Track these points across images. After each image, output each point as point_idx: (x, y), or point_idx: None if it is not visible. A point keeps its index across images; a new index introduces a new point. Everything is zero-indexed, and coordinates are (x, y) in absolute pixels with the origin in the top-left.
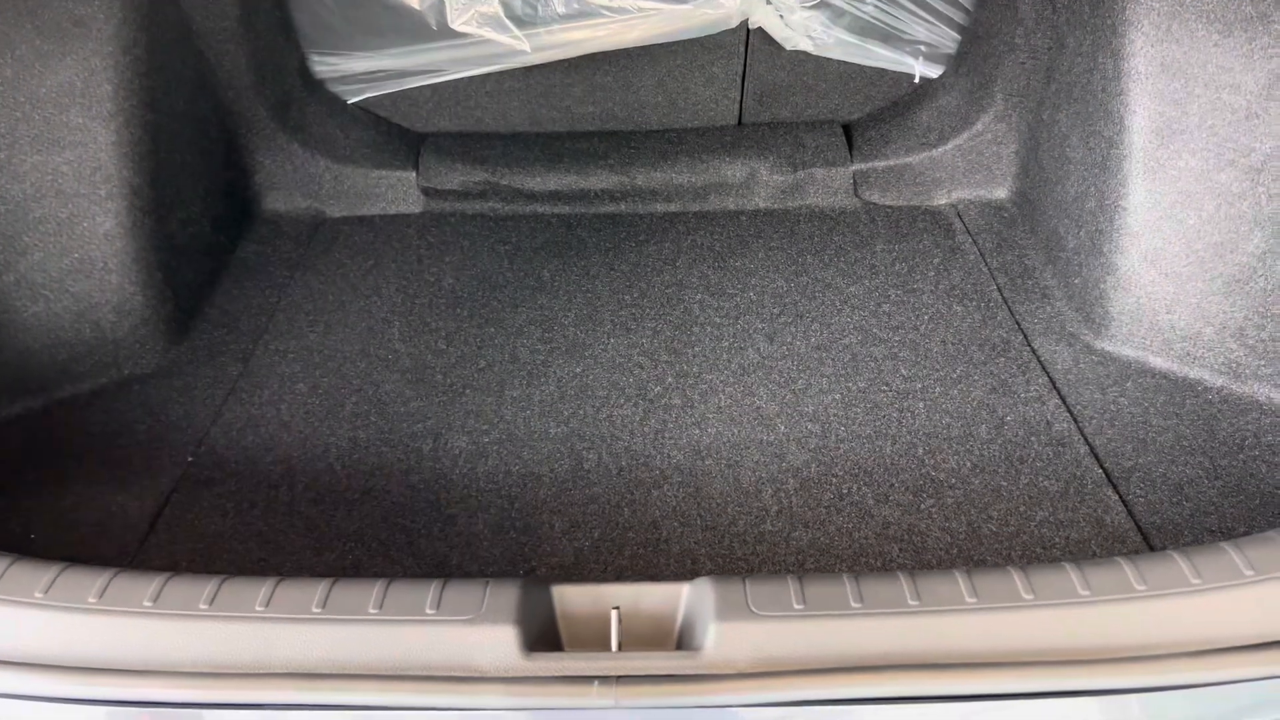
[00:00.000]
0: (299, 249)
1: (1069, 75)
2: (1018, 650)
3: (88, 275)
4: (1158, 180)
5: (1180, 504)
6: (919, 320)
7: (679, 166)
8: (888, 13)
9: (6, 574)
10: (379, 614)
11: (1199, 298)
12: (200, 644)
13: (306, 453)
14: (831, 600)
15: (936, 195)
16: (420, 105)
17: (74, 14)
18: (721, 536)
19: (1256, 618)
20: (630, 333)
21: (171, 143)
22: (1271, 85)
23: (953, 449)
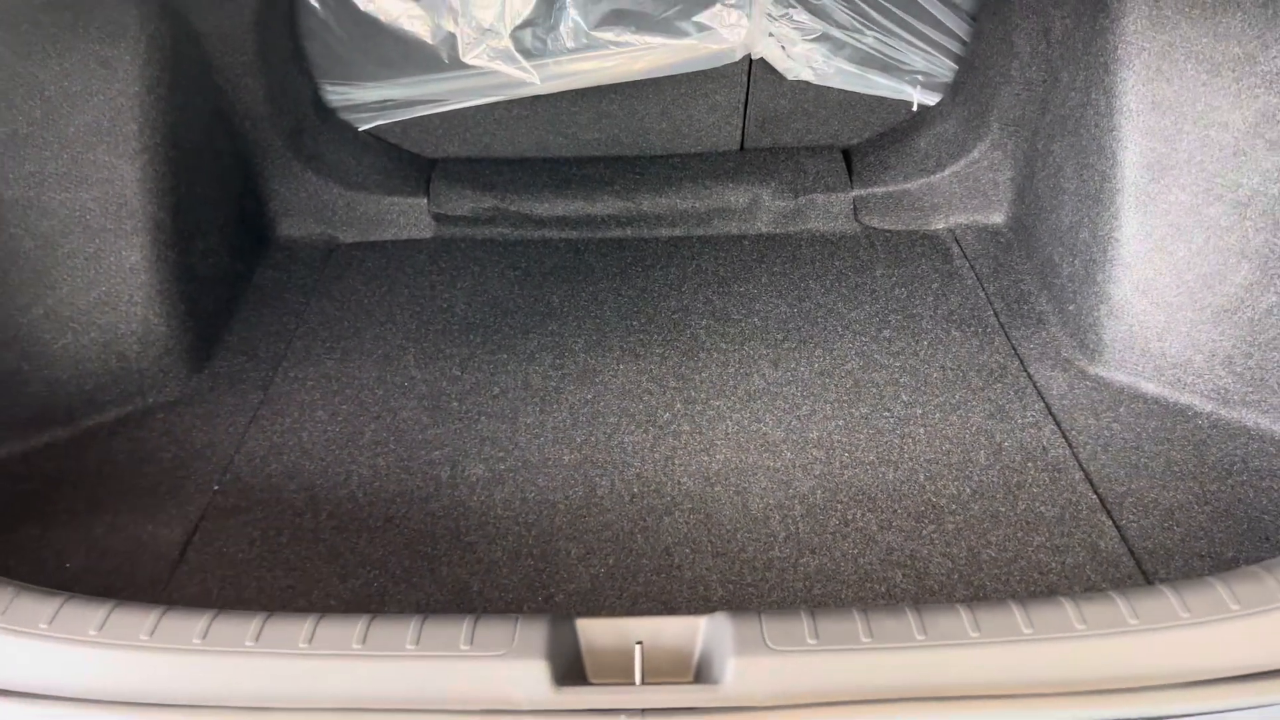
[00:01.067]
0: (313, 275)
1: (1063, 108)
2: (1018, 682)
3: (113, 307)
4: (1149, 214)
5: (1171, 529)
6: (918, 346)
7: (683, 192)
8: (887, 44)
9: (60, 613)
10: (416, 650)
11: (1189, 326)
12: (249, 680)
13: (328, 480)
14: (843, 635)
15: (935, 220)
16: (430, 132)
17: (100, 55)
18: (732, 563)
19: (1243, 650)
20: (639, 359)
21: (192, 175)
22: (1258, 124)
23: (952, 475)
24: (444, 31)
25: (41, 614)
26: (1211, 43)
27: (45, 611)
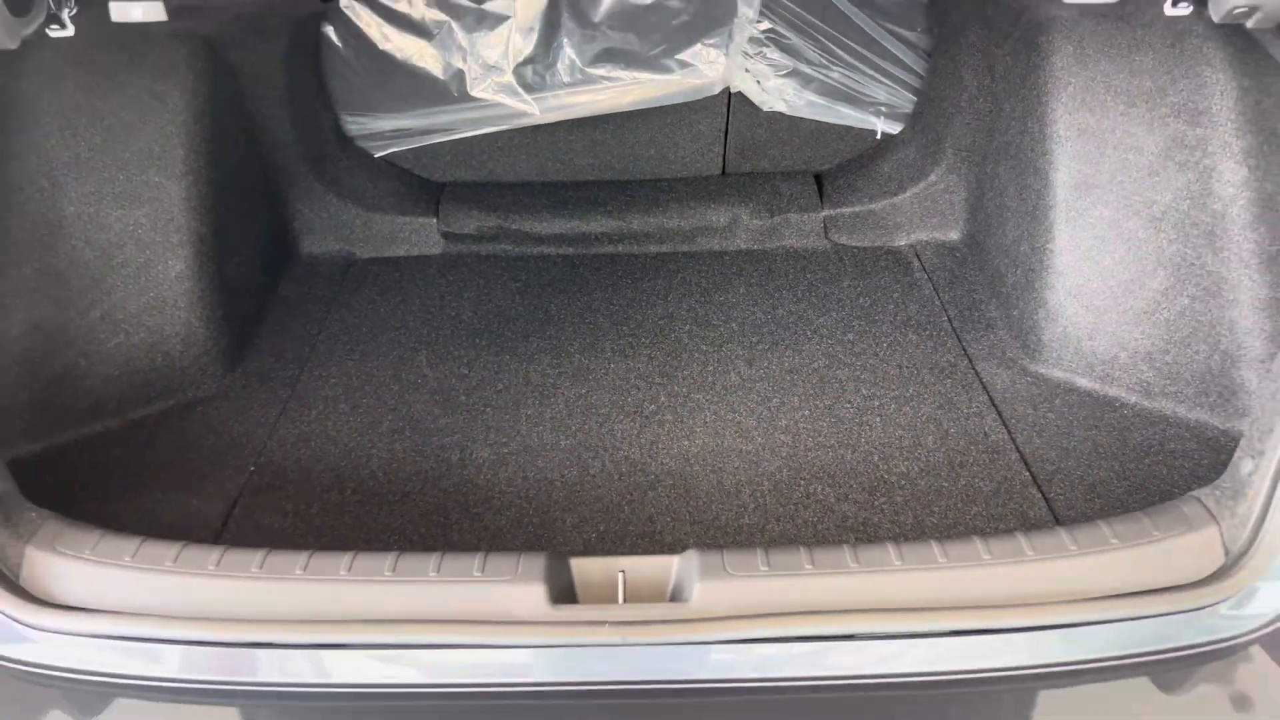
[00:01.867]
0: (333, 287)
1: (1006, 135)
2: (932, 599)
3: (160, 312)
4: (1077, 227)
5: (1093, 501)
6: (878, 347)
7: (669, 212)
8: (852, 78)
9: (140, 549)
10: (437, 576)
11: (1115, 327)
12: (299, 600)
13: (352, 462)
14: (790, 564)
15: (897, 237)
16: (439, 159)
17: (153, 89)
18: (707, 529)
19: (1117, 575)
20: (628, 359)
21: (229, 195)
22: (1169, 148)
23: (903, 456)
24: (454, 68)
25: (125, 550)
26: (1127, 78)
27: (128, 548)
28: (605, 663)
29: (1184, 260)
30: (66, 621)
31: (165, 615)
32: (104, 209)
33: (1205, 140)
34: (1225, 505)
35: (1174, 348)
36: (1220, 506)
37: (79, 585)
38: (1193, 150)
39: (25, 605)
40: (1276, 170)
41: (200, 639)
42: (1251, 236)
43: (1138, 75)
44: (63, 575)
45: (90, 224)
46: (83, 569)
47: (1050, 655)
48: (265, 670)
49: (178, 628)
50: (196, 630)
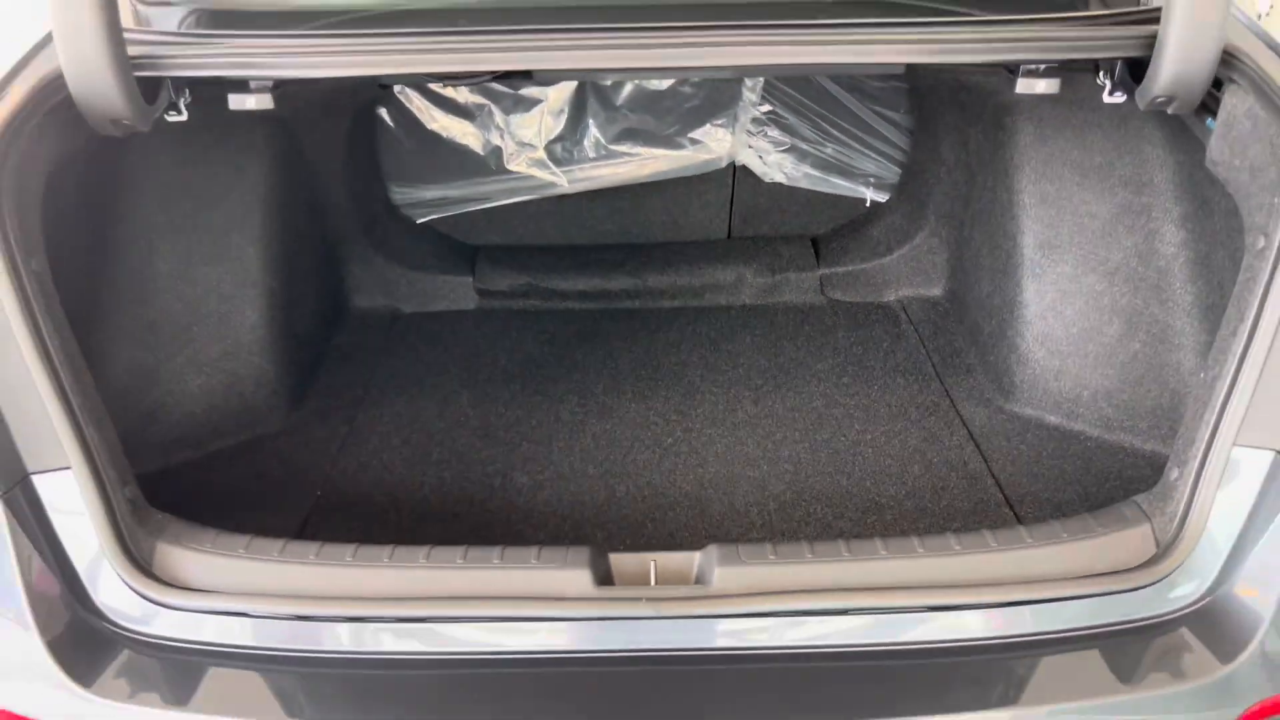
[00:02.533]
0: (382, 337)
1: (979, 203)
2: (911, 580)
3: (236, 356)
4: (1042, 282)
5: (1058, 519)
6: (870, 389)
7: (681, 271)
8: (844, 153)
9: (251, 544)
10: (500, 563)
11: (1077, 369)
12: (385, 582)
13: (406, 488)
14: (794, 553)
15: (886, 293)
16: (475, 225)
17: (236, 163)
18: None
19: (1066, 562)
20: (646, 399)
21: (296, 256)
22: (1118, 214)
23: (892, 482)
24: (492, 145)
25: (238, 544)
26: (1081, 153)
27: (241, 542)
28: (641, 633)
29: (1135, 310)
30: (192, 600)
31: (273, 594)
32: (192, 267)
33: (1149, 207)
34: (1156, 506)
35: (1129, 387)
36: (1152, 507)
37: (201, 572)
38: (1138, 215)
39: (159, 587)
40: (1209, 233)
41: (303, 614)
42: (1191, 289)
43: (1090, 151)
44: (188, 564)
45: (180, 280)
46: (204, 559)
47: (1011, 628)
48: (357, 641)
49: (284, 604)
50: (300, 606)
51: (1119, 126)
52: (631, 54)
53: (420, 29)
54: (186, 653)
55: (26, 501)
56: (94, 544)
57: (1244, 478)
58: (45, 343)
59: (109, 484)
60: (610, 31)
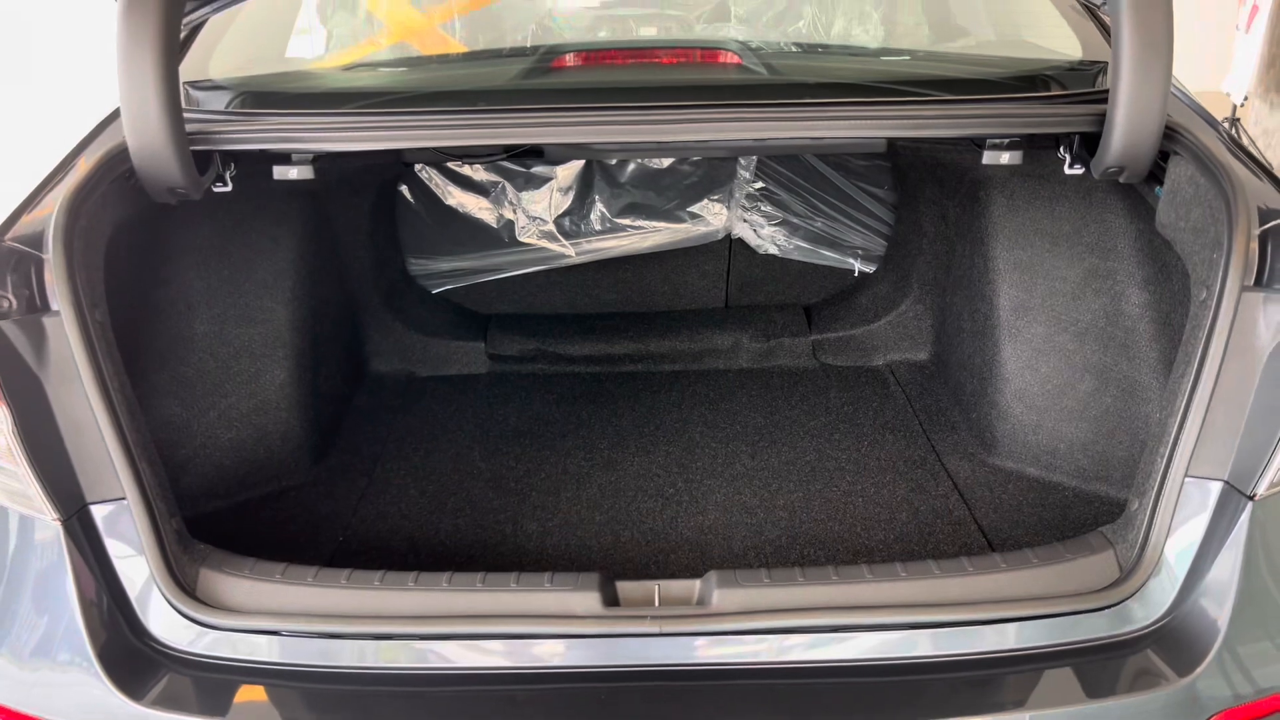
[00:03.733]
0: (398, 398)
1: (959, 270)
2: (894, 601)
3: (265, 412)
4: (1018, 342)
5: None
6: (860, 445)
7: (681, 337)
8: (832, 227)
9: (286, 570)
10: (517, 586)
11: (1054, 424)
12: (410, 603)
13: (422, 534)
14: (786, 577)
15: (875, 358)
16: (487, 294)
17: (270, 233)
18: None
19: (1037, 584)
20: (649, 454)
21: (321, 319)
22: (1086, 278)
23: (881, 528)
24: (505, 219)
25: (275, 570)
26: (1050, 222)
27: (277, 569)
28: (646, 648)
29: (1105, 368)
30: (233, 620)
31: (308, 614)
32: (227, 328)
33: (1114, 271)
34: (1119, 534)
35: (1102, 440)
36: (1116, 535)
37: (242, 595)
38: (1105, 279)
39: (203, 608)
40: (1169, 294)
41: (335, 632)
42: (1156, 347)
43: (1058, 220)
44: (229, 588)
45: (215, 340)
46: (243, 583)
47: (989, 645)
48: (383, 657)
49: (318, 623)
50: (332, 625)
51: (1084, 197)
52: (634, 129)
53: (443, 109)
54: (228, 670)
55: (83, 528)
56: (144, 569)
57: (1196, 506)
58: (106, 384)
59: (159, 514)
60: (614, 110)
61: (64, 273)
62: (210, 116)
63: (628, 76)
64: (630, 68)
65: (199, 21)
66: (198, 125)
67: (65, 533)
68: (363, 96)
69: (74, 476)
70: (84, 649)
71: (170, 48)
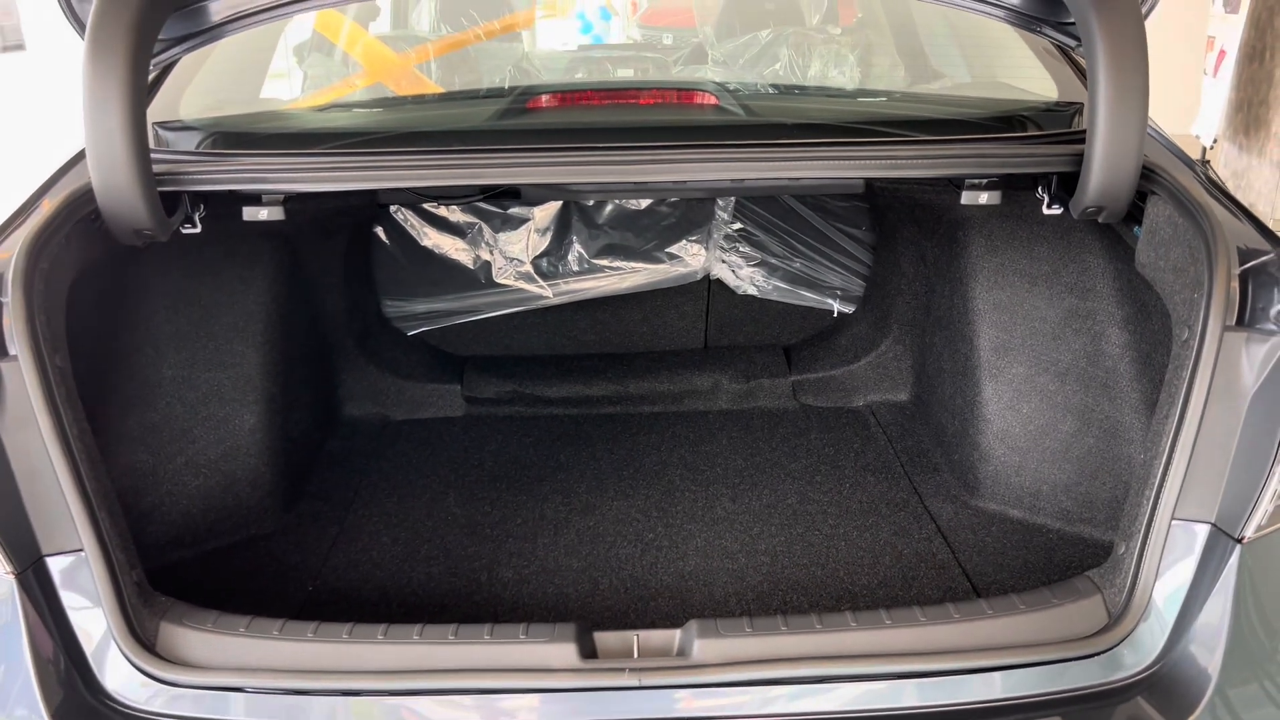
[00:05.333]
0: (372, 443)
1: (938, 310)
2: (879, 649)
3: (234, 458)
4: (999, 383)
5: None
6: (842, 487)
7: (660, 378)
8: (811, 267)
9: (251, 623)
10: (490, 639)
11: (1036, 465)
12: (380, 657)
13: (395, 583)
14: (769, 626)
15: (855, 399)
16: (463, 337)
17: (241, 275)
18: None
19: (1025, 631)
20: (628, 497)
21: (294, 363)
22: (1066, 318)
23: (865, 572)
24: (481, 260)
25: (239, 624)
26: (1029, 263)
27: (241, 622)
28: (625, 702)
29: (1087, 408)
30: (195, 677)
31: (273, 669)
32: (195, 372)
33: (1094, 311)
34: (1106, 579)
35: (1085, 481)
36: (1103, 580)
37: (204, 650)
38: (1085, 319)
39: (163, 665)
40: (1149, 334)
41: (302, 688)
42: (1137, 387)
43: (1037, 261)
44: (190, 643)
45: (183, 384)
46: (206, 638)
47: (974, 694)
48: (354, 713)
49: (283, 679)
50: (300, 681)
51: (1062, 238)
52: (611, 169)
53: (417, 149)
54: None
55: (38, 581)
56: (102, 623)
57: (1183, 549)
58: (65, 431)
59: (118, 566)
60: (591, 151)
61: (23, 316)
62: (178, 157)
63: (604, 117)
64: (607, 108)
65: (170, 61)
66: (165, 166)
67: (19, 586)
68: (335, 137)
69: (29, 527)
70: (37, 707)
71: (138, 87)
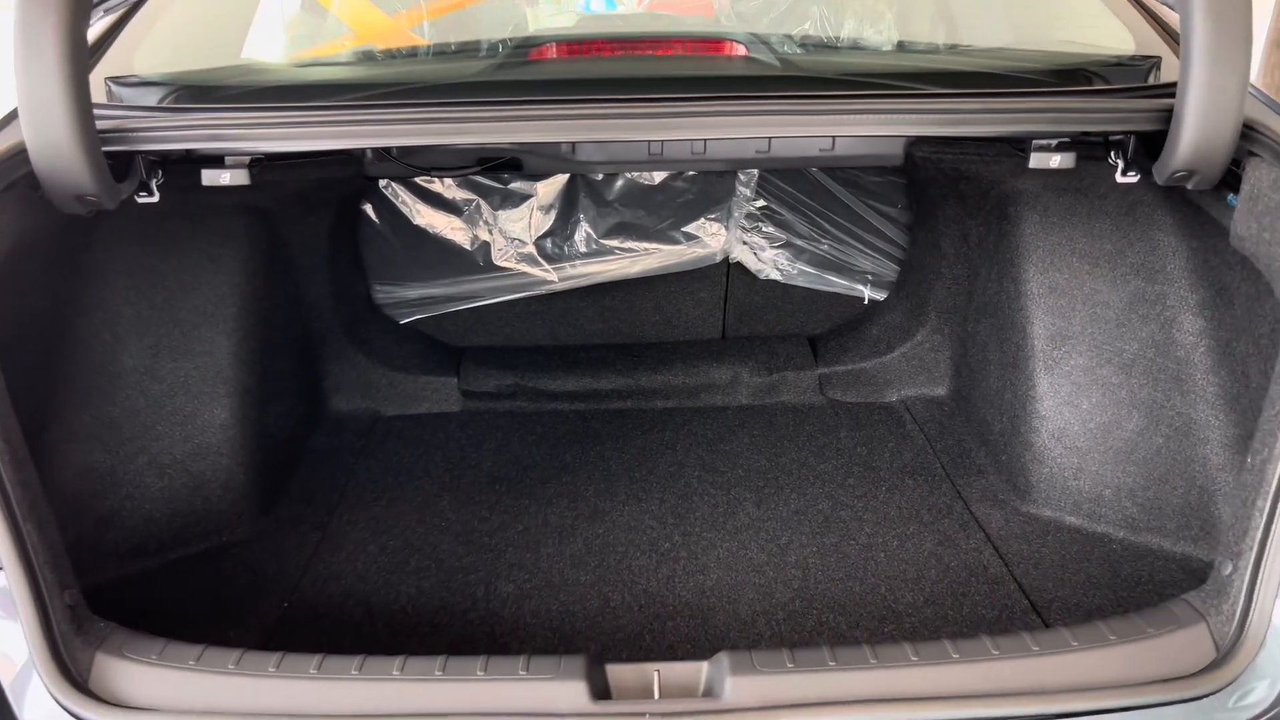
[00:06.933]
0: (360, 440)
1: (984, 296)
2: (945, 690)
3: (203, 457)
4: (1056, 375)
5: (1101, 619)
6: (878, 490)
7: (674, 370)
8: (840, 250)
9: (204, 655)
10: (484, 675)
11: (1098, 466)
12: (353, 698)
13: (381, 598)
14: (813, 660)
15: (888, 393)
16: (460, 325)
17: (211, 253)
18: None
19: (1116, 668)
20: (641, 502)
21: (272, 352)
22: (1132, 303)
23: (909, 587)
24: (480, 240)
25: (189, 655)
26: (1089, 241)
27: (192, 653)
28: None
29: (1155, 403)
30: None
31: (225, 713)
32: (159, 361)
33: (1163, 295)
34: (1211, 604)
35: (1153, 485)
36: (1206, 605)
37: (145, 688)
38: (1153, 304)
39: (94, 706)
40: (1230, 320)
41: None
42: (1214, 380)
43: (1098, 239)
44: (130, 678)
45: (146, 375)
46: (148, 672)
47: None
48: None
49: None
50: None
51: (1127, 214)
52: (624, 125)
53: (401, 102)
54: None
55: None
56: (23, 654)
57: None
58: None
59: (46, 587)
60: (602, 104)
61: None
62: (128, 113)
63: (617, 69)
64: (620, 60)
65: (127, 8)
66: (113, 122)
67: None
68: (312, 93)
69: None
70: None
71: (77, 28)
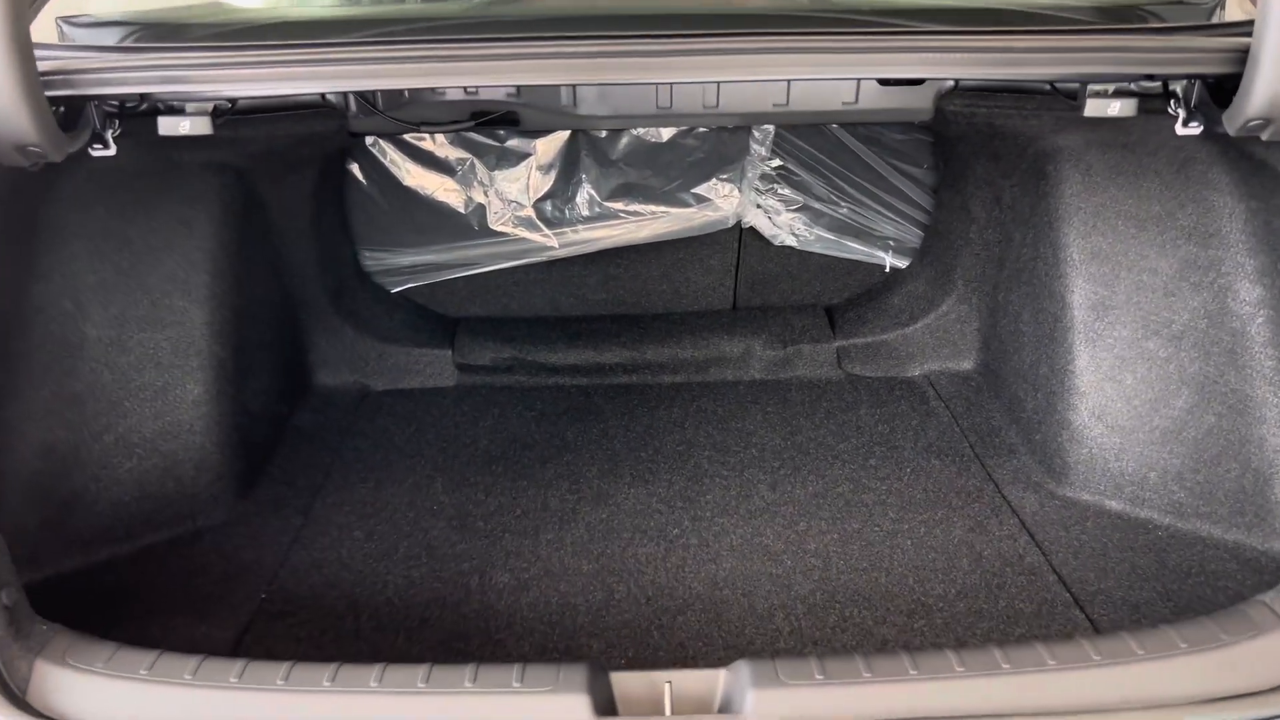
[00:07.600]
0: (348, 417)
1: (1017, 262)
2: (997, 706)
3: (175, 436)
4: (1097, 348)
5: (1139, 621)
6: (902, 472)
7: (683, 343)
8: (860, 214)
9: (158, 662)
10: (474, 688)
11: (1142, 447)
12: (326, 714)
13: (367, 589)
14: (846, 671)
15: (910, 367)
16: (455, 294)
17: (181, 215)
18: (741, 654)
19: (1190, 681)
20: (648, 484)
21: (250, 323)
22: (1183, 269)
23: (938, 578)
24: (475, 203)
25: (140, 663)
26: (1136, 203)
27: (144, 660)
28: None
29: (1207, 379)
30: None
31: None
32: (126, 332)
33: (1218, 261)
34: None
35: (1204, 467)
36: None
37: (90, 700)
38: (1206, 271)
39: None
40: None
41: None
42: (1273, 354)
43: (1146, 200)
44: (73, 689)
45: (111, 347)
46: (94, 683)
47: None
48: None
49: None
50: None
51: (1178, 172)
52: (631, 63)
53: (380, 39)
54: None
55: None
56: None
57: None
58: None
59: None
60: (606, 41)
61: None
62: (76, 54)
63: (623, 4)
64: None
65: None
66: (57, 64)
67: None
68: (287, 31)
69: None
70: None
71: None
